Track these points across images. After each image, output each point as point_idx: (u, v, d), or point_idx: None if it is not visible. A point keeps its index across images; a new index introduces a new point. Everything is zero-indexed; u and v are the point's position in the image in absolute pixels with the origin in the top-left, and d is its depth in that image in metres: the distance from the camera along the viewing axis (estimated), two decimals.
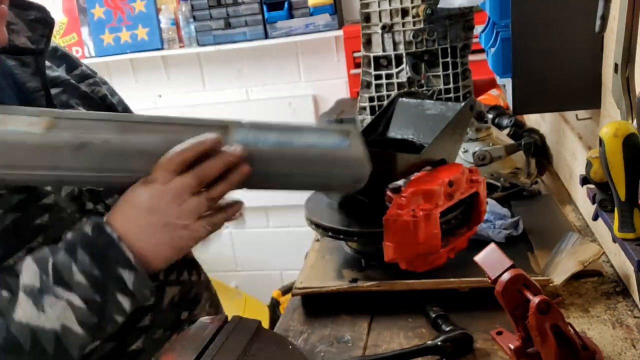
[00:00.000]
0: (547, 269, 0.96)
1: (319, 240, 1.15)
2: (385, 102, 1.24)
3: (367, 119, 1.42)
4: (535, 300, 0.67)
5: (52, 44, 0.99)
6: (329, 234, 1.00)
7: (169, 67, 3.11)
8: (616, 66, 0.80)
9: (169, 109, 3.12)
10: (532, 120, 1.77)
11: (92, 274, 0.73)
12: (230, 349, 0.72)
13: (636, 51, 0.77)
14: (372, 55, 1.45)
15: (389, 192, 0.94)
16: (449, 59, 1.41)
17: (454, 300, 0.93)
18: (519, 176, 1.30)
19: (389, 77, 1.45)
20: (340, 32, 2.76)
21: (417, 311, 0.94)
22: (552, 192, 1.35)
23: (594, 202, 0.85)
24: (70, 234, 0.76)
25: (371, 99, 1.47)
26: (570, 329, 0.71)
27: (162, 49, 2.95)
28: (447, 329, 0.86)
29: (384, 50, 1.43)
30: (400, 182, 0.95)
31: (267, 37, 2.82)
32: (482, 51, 1.38)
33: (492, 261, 0.73)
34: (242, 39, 2.83)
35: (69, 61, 1.00)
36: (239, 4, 2.78)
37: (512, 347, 0.74)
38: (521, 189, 1.29)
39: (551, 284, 0.90)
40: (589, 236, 1.11)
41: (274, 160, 0.78)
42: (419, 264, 0.93)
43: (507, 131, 1.52)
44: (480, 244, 0.80)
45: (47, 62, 0.94)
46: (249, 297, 3.01)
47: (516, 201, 1.25)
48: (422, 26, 1.39)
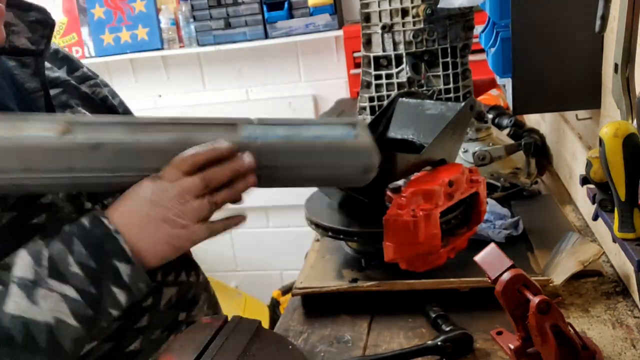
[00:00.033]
0: (547, 269, 0.95)
1: (319, 240, 1.15)
2: (385, 102, 1.24)
3: (367, 119, 1.42)
4: (535, 300, 0.67)
5: (54, 46, 0.99)
6: (329, 234, 1.00)
7: (169, 67, 3.11)
8: (616, 66, 0.80)
9: (169, 109, 3.12)
10: (532, 120, 1.77)
11: (88, 265, 0.73)
12: (230, 349, 0.72)
13: (636, 51, 0.77)
14: (372, 55, 1.45)
15: (389, 192, 0.94)
16: (449, 59, 1.41)
17: (454, 300, 0.93)
18: (519, 176, 1.30)
19: (389, 77, 1.45)
20: (340, 32, 2.76)
21: (417, 311, 0.94)
22: (552, 192, 1.34)
23: (594, 202, 0.85)
24: (68, 226, 0.76)
25: (371, 99, 1.47)
26: (570, 329, 0.71)
27: (162, 49, 2.95)
28: (447, 329, 0.86)
29: (384, 50, 1.43)
30: (400, 182, 0.95)
31: (267, 37, 2.81)
32: (482, 51, 1.38)
33: (492, 261, 0.73)
34: (242, 39, 2.83)
35: (70, 63, 1.00)
36: (239, 4, 2.78)
37: (512, 347, 0.74)
38: (521, 189, 1.29)
39: (551, 284, 0.90)
40: (589, 236, 1.11)
41: (282, 153, 0.79)
42: (419, 264, 0.93)
43: (507, 131, 1.52)
44: (480, 244, 0.80)
45: (47, 63, 0.95)
46: (249, 297, 3.01)
47: (516, 201, 1.25)
48: (422, 26, 1.39)
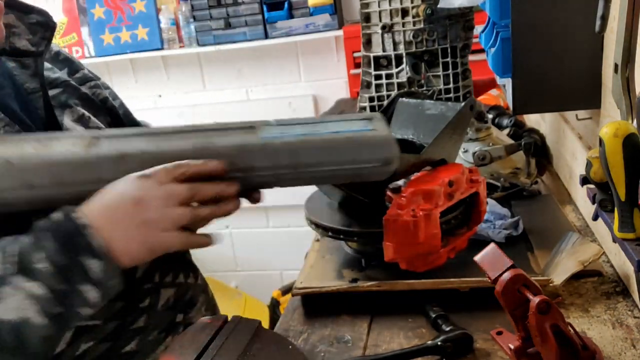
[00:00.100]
0: (547, 269, 0.96)
1: (319, 240, 1.16)
2: (385, 102, 1.24)
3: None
4: (535, 300, 0.67)
5: (55, 48, 1.00)
6: (329, 234, 1.00)
7: (169, 67, 3.11)
8: (616, 66, 0.80)
9: (169, 109, 3.12)
10: (532, 120, 1.77)
11: (57, 261, 0.71)
12: (230, 349, 0.72)
13: (636, 51, 0.77)
14: (372, 55, 1.45)
15: (389, 192, 0.94)
16: (449, 59, 1.41)
17: (454, 300, 0.93)
18: (519, 176, 1.30)
19: (389, 77, 1.45)
20: (340, 32, 2.76)
21: (417, 311, 0.94)
22: (552, 192, 1.35)
23: (594, 202, 0.85)
24: (41, 221, 0.74)
25: (371, 99, 1.47)
26: (570, 329, 0.71)
27: (162, 49, 2.95)
28: (447, 329, 0.86)
29: (384, 50, 1.43)
30: (400, 182, 0.95)
31: (267, 37, 2.81)
32: (482, 51, 1.38)
33: (492, 261, 0.73)
34: (242, 39, 2.83)
35: (71, 65, 1.01)
36: (239, 4, 2.78)
37: (512, 347, 0.74)
38: (521, 189, 1.29)
39: (551, 284, 0.90)
40: (589, 236, 1.11)
41: (301, 151, 0.80)
42: (419, 264, 0.93)
43: (507, 131, 1.52)
44: (480, 244, 0.80)
45: (48, 64, 0.96)
46: (249, 297, 3.01)
47: (516, 201, 1.25)
48: (422, 26, 1.39)
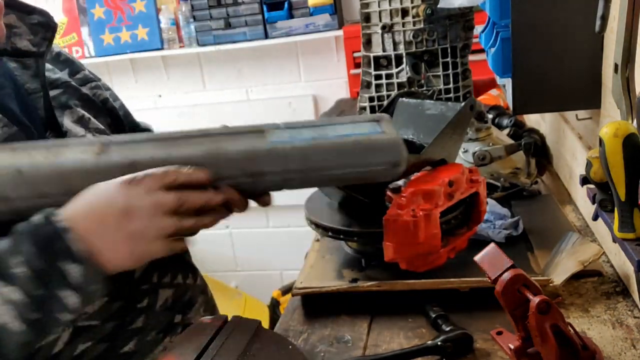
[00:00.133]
0: (547, 269, 0.95)
1: (319, 240, 1.15)
2: (385, 102, 1.24)
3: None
4: (535, 300, 0.67)
5: (56, 49, 1.00)
6: (329, 234, 1.00)
7: (169, 67, 3.11)
8: (616, 66, 0.80)
9: (169, 109, 3.12)
10: (532, 120, 1.77)
11: (35, 265, 0.69)
12: (230, 349, 0.72)
13: (636, 51, 0.77)
14: (372, 55, 1.45)
15: (389, 192, 0.94)
16: (449, 59, 1.41)
17: (454, 300, 0.93)
18: (519, 176, 1.30)
19: (389, 77, 1.45)
20: (340, 32, 2.76)
21: (417, 311, 0.94)
22: (552, 192, 1.34)
23: (594, 202, 0.85)
24: (20, 224, 0.72)
25: (371, 99, 1.47)
26: (570, 329, 0.71)
27: (162, 49, 2.95)
28: (447, 329, 0.86)
29: (384, 50, 1.43)
30: (400, 182, 0.95)
31: (267, 37, 2.81)
32: (482, 51, 1.38)
33: (492, 261, 0.73)
34: (242, 39, 2.83)
35: (72, 66, 1.01)
36: (239, 4, 2.78)
37: (512, 347, 0.74)
38: (521, 189, 1.29)
39: (551, 284, 0.90)
40: (589, 236, 1.11)
41: (311, 155, 0.80)
42: (419, 264, 0.93)
43: (507, 131, 1.52)
44: (480, 244, 0.80)
45: (49, 65, 0.96)
46: (249, 297, 3.01)
47: (516, 201, 1.25)
48: (422, 26, 1.39)
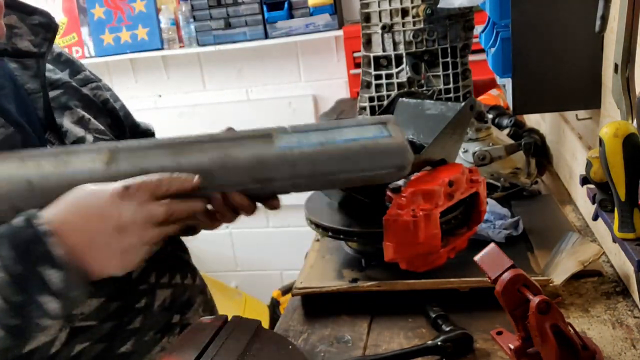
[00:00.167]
0: (547, 269, 0.95)
1: (319, 240, 1.16)
2: (385, 102, 1.24)
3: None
4: (535, 300, 0.67)
5: (57, 49, 1.00)
6: (329, 234, 1.00)
7: (169, 67, 3.11)
8: (616, 66, 0.80)
9: (169, 109, 3.12)
10: (532, 120, 1.77)
11: (13, 270, 0.67)
12: (230, 349, 0.72)
13: (636, 51, 0.77)
14: (372, 55, 1.45)
15: (389, 192, 0.94)
16: (449, 59, 1.41)
17: (454, 300, 0.93)
18: (519, 176, 1.30)
19: (389, 77, 1.45)
20: (340, 32, 2.76)
21: (417, 311, 0.94)
22: (552, 192, 1.34)
23: (594, 202, 0.85)
24: (0, 227, 0.70)
25: (371, 99, 1.47)
26: (570, 329, 0.71)
27: (162, 49, 2.95)
28: (447, 329, 0.86)
29: (384, 50, 1.43)
30: (400, 182, 0.95)
31: (267, 37, 2.81)
32: (482, 51, 1.38)
33: (492, 261, 0.73)
34: (242, 39, 2.83)
35: (73, 66, 1.01)
36: (239, 4, 2.78)
37: (512, 347, 0.74)
38: (521, 189, 1.29)
39: (551, 284, 0.90)
40: (589, 236, 1.11)
41: (319, 160, 0.80)
42: (419, 264, 0.93)
43: (507, 131, 1.52)
44: (480, 244, 0.80)
45: (50, 65, 0.96)
46: (249, 297, 3.01)
47: (516, 201, 1.25)
48: (422, 26, 1.39)
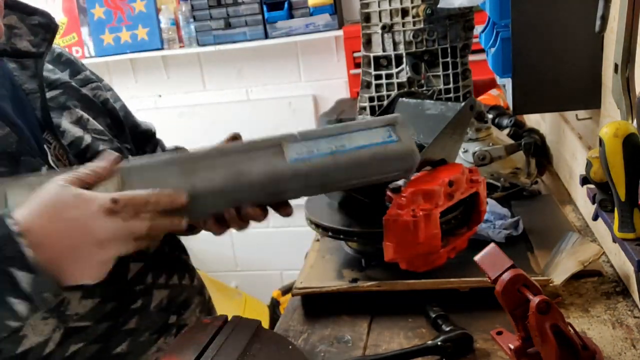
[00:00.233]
0: (547, 269, 0.95)
1: (319, 240, 1.15)
2: (385, 102, 1.24)
3: (367, 119, 1.42)
4: (535, 300, 0.67)
5: (57, 50, 1.00)
6: (329, 234, 1.00)
7: (169, 67, 3.11)
8: (616, 66, 0.80)
9: (169, 109, 3.12)
10: (532, 120, 1.77)
11: None
12: (230, 349, 0.72)
13: (636, 51, 0.77)
14: (372, 55, 1.45)
15: (389, 192, 0.94)
16: (449, 59, 1.41)
17: (454, 300, 0.93)
18: (519, 176, 1.30)
19: (389, 77, 1.45)
20: (340, 32, 2.76)
21: (417, 311, 0.94)
22: (552, 192, 1.34)
23: (594, 202, 0.85)
24: None
25: (371, 99, 1.47)
26: (570, 329, 0.71)
27: (162, 49, 2.95)
28: (447, 329, 0.86)
29: (384, 50, 1.43)
30: (400, 182, 0.95)
31: (267, 37, 2.81)
32: (482, 51, 1.38)
33: (492, 261, 0.73)
34: (242, 39, 2.83)
35: (73, 66, 1.01)
36: (239, 4, 2.78)
37: (512, 347, 0.74)
38: (521, 189, 1.29)
39: (551, 284, 0.90)
40: (589, 236, 1.11)
41: (331, 171, 0.81)
42: (419, 264, 0.93)
43: (507, 131, 1.52)
44: (480, 244, 0.80)
45: (50, 65, 0.96)
46: (249, 297, 3.01)
47: (516, 201, 1.25)
48: (422, 26, 1.39)
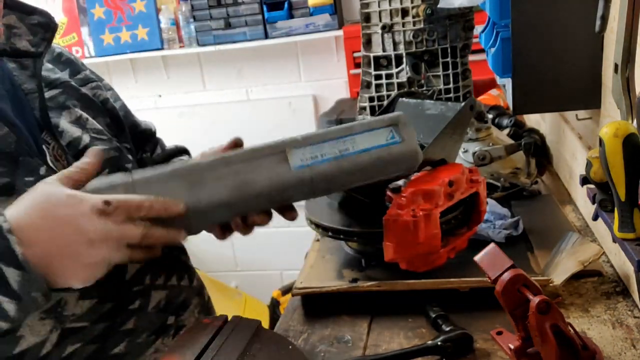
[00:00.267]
0: (547, 269, 0.95)
1: (319, 240, 1.15)
2: (385, 102, 1.24)
3: (370, 118, 1.42)
4: (535, 300, 0.67)
5: (58, 49, 1.00)
6: (329, 234, 1.00)
7: (169, 67, 3.11)
8: (616, 66, 0.80)
9: (169, 109, 3.12)
10: (532, 120, 1.77)
11: None
12: (230, 349, 0.72)
13: (636, 51, 0.77)
14: (372, 55, 1.45)
15: (389, 192, 0.94)
16: (449, 59, 1.41)
17: (454, 300, 0.93)
18: (519, 176, 1.30)
19: (389, 77, 1.45)
20: (340, 32, 2.76)
21: (417, 311, 0.94)
22: (552, 192, 1.34)
23: (594, 202, 0.85)
24: None
25: (371, 99, 1.47)
26: (570, 329, 0.71)
27: (162, 49, 2.95)
28: (447, 329, 0.86)
29: (384, 50, 1.43)
30: (400, 182, 0.95)
31: (267, 37, 2.82)
32: (482, 51, 1.38)
33: (492, 261, 0.73)
34: (242, 39, 2.83)
35: (73, 66, 1.01)
36: (239, 4, 2.78)
37: (512, 347, 0.74)
38: (521, 189, 1.29)
39: (551, 284, 0.90)
40: (589, 236, 1.11)
41: (335, 177, 0.81)
42: (419, 264, 0.93)
43: (507, 131, 1.52)
44: (480, 244, 0.80)
45: (50, 65, 0.96)
46: (249, 297, 3.01)
47: (516, 201, 1.25)
48: (422, 26, 1.39)
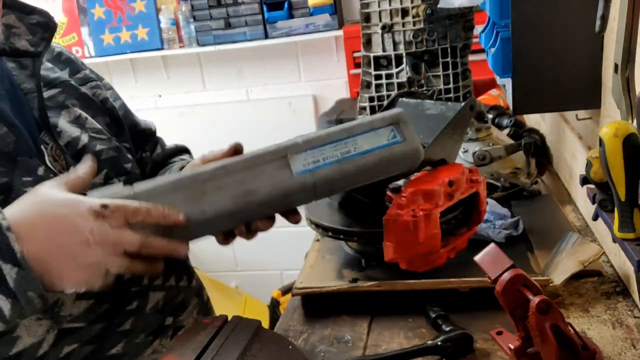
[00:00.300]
0: (547, 269, 0.95)
1: (319, 240, 1.15)
2: (385, 102, 1.24)
3: (370, 117, 1.42)
4: (535, 300, 0.67)
5: (58, 49, 1.00)
6: (329, 234, 1.00)
7: (169, 67, 3.11)
8: (616, 66, 0.80)
9: (169, 109, 3.12)
10: (532, 120, 1.77)
11: None
12: (230, 349, 0.72)
13: (636, 51, 0.77)
14: (372, 55, 1.45)
15: (389, 192, 0.94)
16: (449, 59, 1.41)
17: (454, 300, 0.93)
18: (519, 176, 1.30)
19: (389, 77, 1.45)
20: (340, 32, 2.77)
21: (417, 311, 0.94)
22: (552, 192, 1.34)
23: (594, 202, 0.85)
24: None
25: (371, 99, 1.47)
26: (570, 329, 0.71)
27: (162, 49, 2.95)
28: (447, 329, 0.86)
29: (384, 50, 1.43)
30: (400, 182, 0.95)
31: (267, 37, 2.82)
32: (482, 51, 1.38)
33: (492, 261, 0.73)
34: (242, 39, 2.84)
35: (73, 65, 1.01)
36: (239, 4, 2.78)
37: (512, 347, 0.74)
38: (521, 189, 1.29)
39: (551, 284, 0.90)
40: (589, 236, 1.11)
41: (338, 180, 0.81)
42: (419, 264, 0.93)
43: (507, 131, 1.52)
44: (480, 244, 0.80)
45: (49, 64, 0.96)
46: (249, 297, 3.01)
47: (516, 201, 1.25)
48: (422, 26, 1.39)
